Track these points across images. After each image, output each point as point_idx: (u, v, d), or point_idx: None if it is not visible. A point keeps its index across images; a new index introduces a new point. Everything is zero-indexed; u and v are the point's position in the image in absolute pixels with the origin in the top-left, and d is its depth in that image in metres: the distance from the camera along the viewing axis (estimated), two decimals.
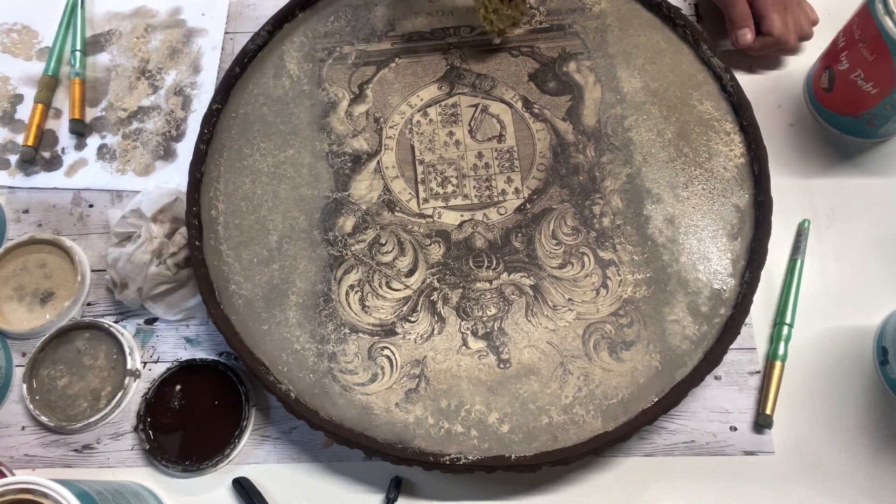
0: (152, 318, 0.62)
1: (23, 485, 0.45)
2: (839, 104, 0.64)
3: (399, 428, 0.54)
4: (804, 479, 0.55)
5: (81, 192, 0.67)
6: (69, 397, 0.59)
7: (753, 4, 0.67)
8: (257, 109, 0.65)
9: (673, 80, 0.64)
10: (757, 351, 0.59)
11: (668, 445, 0.56)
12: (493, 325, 0.57)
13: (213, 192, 0.62)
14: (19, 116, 0.71)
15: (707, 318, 0.56)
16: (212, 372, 0.58)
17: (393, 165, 0.63)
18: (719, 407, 0.57)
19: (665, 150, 0.62)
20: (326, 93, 0.66)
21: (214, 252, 0.60)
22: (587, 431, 0.53)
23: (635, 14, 0.67)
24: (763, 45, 0.68)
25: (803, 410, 0.57)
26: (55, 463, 0.58)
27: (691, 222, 0.59)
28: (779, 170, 0.62)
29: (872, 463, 0.55)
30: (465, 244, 0.60)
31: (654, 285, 0.57)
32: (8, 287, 0.63)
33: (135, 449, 0.58)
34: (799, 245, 0.62)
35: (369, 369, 0.56)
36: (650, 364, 0.55)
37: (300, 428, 0.58)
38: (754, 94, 0.64)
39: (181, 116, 0.69)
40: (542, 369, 0.55)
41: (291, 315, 0.58)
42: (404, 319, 0.57)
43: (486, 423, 0.54)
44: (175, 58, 0.72)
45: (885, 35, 0.55)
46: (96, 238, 0.65)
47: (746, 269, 0.57)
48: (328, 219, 0.61)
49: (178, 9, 0.74)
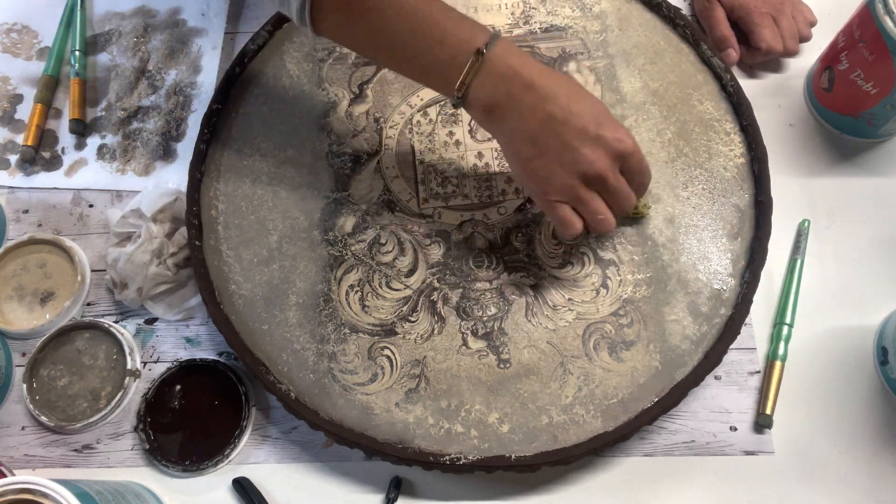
0: (152, 318, 0.62)
1: (23, 485, 0.45)
2: (839, 104, 0.64)
3: (399, 428, 0.54)
4: (804, 479, 0.55)
5: (81, 192, 0.67)
6: (69, 397, 0.59)
7: (743, 19, 0.68)
8: (257, 109, 0.65)
9: (673, 80, 0.64)
10: (757, 351, 0.59)
11: (668, 445, 0.56)
12: (493, 325, 0.57)
13: (213, 192, 0.62)
14: (19, 116, 0.71)
15: (707, 318, 0.56)
16: (212, 372, 0.58)
17: (393, 165, 0.63)
18: (719, 407, 0.57)
19: (665, 150, 0.62)
20: (326, 93, 0.66)
21: (214, 252, 0.60)
22: (587, 431, 0.53)
23: (635, 14, 0.67)
24: (755, 59, 0.68)
25: (803, 410, 0.57)
26: (55, 463, 0.58)
27: (691, 222, 0.59)
28: (779, 170, 0.62)
29: (872, 463, 0.55)
30: (465, 244, 0.60)
31: (654, 285, 0.57)
32: (8, 287, 0.63)
33: (135, 449, 0.58)
34: (799, 245, 0.62)
35: (369, 369, 0.56)
36: (650, 364, 0.55)
37: (300, 428, 0.58)
38: (754, 94, 0.64)
39: (181, 116, 0.69)
40: (542, 369, 0.55)
41: (291, 315, 0.58)
42: (404, 319, 0.57)
43: (486, 423, 0.54)
44: (175, 58, 0.72)
45: (885, 35, 0.55)
46: (96, 238, 0.65)
47: (746, 269, 0.57)
48: (328, 219, 0.61)
49: (178, 9, 0.74)
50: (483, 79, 0.49)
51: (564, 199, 0.51)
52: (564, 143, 0.49)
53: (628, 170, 0.51)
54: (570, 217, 0.51)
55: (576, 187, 0.50)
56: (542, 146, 0.49)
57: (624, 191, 0.51)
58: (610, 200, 0.51)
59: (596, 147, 0.49)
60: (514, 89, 0.49)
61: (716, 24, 0.68)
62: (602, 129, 0.49)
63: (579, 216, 0.51)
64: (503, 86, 0.49)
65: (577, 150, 0.49)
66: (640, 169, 0.52)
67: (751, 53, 0.68)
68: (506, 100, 0.49)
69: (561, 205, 0.51)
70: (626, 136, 0.50)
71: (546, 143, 0.49)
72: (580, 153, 0.49)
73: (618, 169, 0.50)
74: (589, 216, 0.51)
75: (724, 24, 0.68)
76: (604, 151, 0.49)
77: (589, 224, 0.52)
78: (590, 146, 0.49)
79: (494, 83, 0.49)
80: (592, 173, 0.49)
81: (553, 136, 0.49)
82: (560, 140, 0.49)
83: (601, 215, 0.51)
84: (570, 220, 0.51)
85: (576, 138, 0.49)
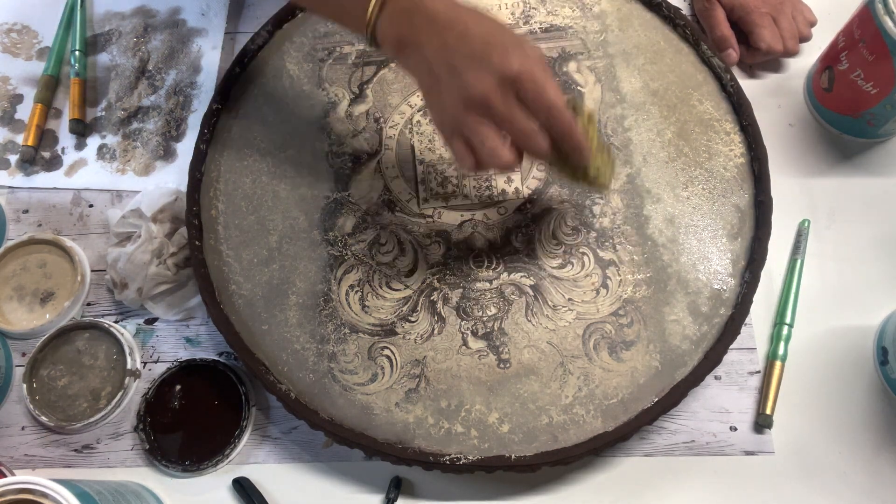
0: (152, 318, 0.62)
1: (23, 485, 0.45)
2: (839, 104, 0.64)
3: (399, 428, 0.54)
4: (804, 479, 0.55)
5: (81, 192, 0.67)
6: (69, 397, 0.59)
7: (742, 19, 0.68)
8: (257, 109, 0.65)
9: (673, 80, 0.64)
10: (757, 351, 0.59)
11: (668, 445, 0.56)
12: (493, 325, 0.57)
13: (213, 192, 0.62)
14: (19, 116, 0.71)
15: (707, 318, 0.56)
16: (212, 372, 0.58)
17: (393, 165, 0.63)
18: (719, 407, 0.57)
19: (665, 150, 0.62)
20: (326, 93, 0.66)
21: (214, 252, 0.60)
22: (587, 431, 0.53)
23: (635, 14, 0.67)
24: (755, 59, 0.68)
25: (803, 410, 0.57)
26: (55, 463, 0.58)
27: (691, 222, 0.59)
28: (779, 170, 0.62)
29: (872, 463, 0.55)
30: (465, 244, 0.60)
31: (654, 285, 0.57)
32: (8, 287, 0.63)
33: (135, 449, 0.58)
34: (799, 245, 0.62)
35: (369, 369, 0.56)
36: (650, 364, 0.55)
37: (300, 428, 0.58)
38: (754, 94, 0.64)
39: (181, 116, 0.69)
40: (542, 369, 0.55)
41: (291, 315, 0.58)
42: (404, 319, 0.57)
43: (486, 423, 0.54)
44: (175, 58, 0.72)
45: (885, 35, 0.55)
46: (96, 238, 0.65)
47: (746, 269, 0.57)
48: (328, 219, 0.61)
49: (178, 8, 0.74)
50: (388, 16, 0.48)
51: (456, 131, 0.47)
52: (451, 69, 0.45)
53: (526, 100, 0.46)
54: (462, 150, 0.47)
55: (460, 115, 0.46)
56: (436, 76, 0.47)
57: (520, 123, 0.46)
58: (509, 134, 0.47)
59: (479, 69, 0.45)
60: (418, 21, 0.47)
61: (716, 24, 0.68)
62: (489, 50, 0.45)
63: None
64: (406, 20, 0.47)
65: (461, 75, 0.45)
66: (538, 100, 0.45)
67: (751, 53, 0.68)
68: (410, 33, 0.47)
69: (455, 137, 0.47)
70: (517, 58, 0.44)
71: (438, 73, 0.46)
72: (462, 77, 0.45)
73: (510, 96, 0.45)
74: (477, 146, 0.46)
75: (724, 24, 0.68)
76: (487, 74, 0.45)
77: (478, 156, 0.47)
78: (474, 69, 0.45)
79: (400, 19, 0.47)
80: (475, 97, 0.45)
81: (444, 64, 0.46)
82: (448, 66, 0.46)
83: (488, 144, 0.46)
84: (461, 153, 0.47)
85: (461, 61, 0.45)
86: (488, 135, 0.46)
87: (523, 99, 0.45)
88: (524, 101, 0.46)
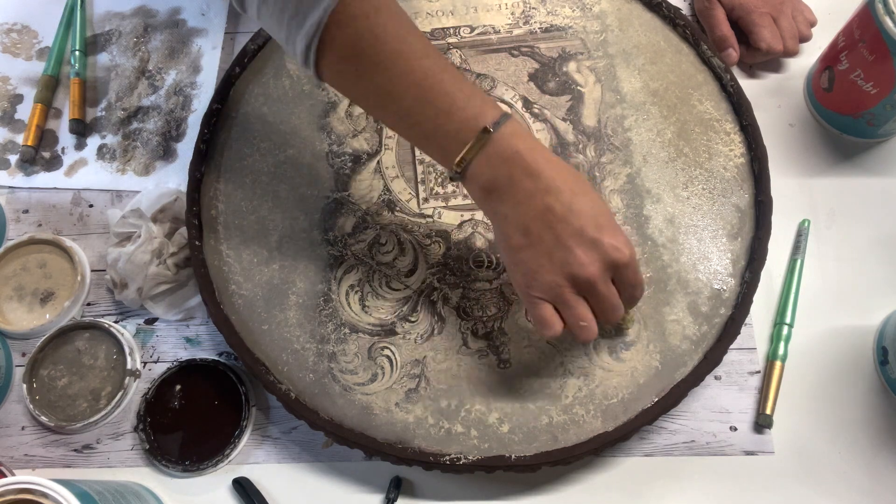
0: (152, 318, 0.62)
1: (23, 485, 0.45)
2: (839, 104, 0.64)
3: (399, 428, 0.54)
4: (804, 479, 0.55)
5: (81, 192, 0.67)
6: (69, 397, 0.59)
7: (743, 19, 0.68)
8: (257, 109, 0.65)
9: (673, 80, 0.64)
10: (757, 351, 0.59)
11: (668, 445, 0.56)
12: (493, 324, 0.57)
13: (213, 192, 0.62)
14: (19, 116, 0.71)
15: (707, 317, 0.56)
16: (212, 372, 0.58)
17: (393, 165, 0.63)
18: (719, 407, 0.57)
19: (665, 150, 0.62)
20: (326, 93, 0.66)
21: (214, 252, 0.60)
22: (587, 431, 0.53)
23: (635, 14, 0.67)
24: (755, 59, 0.68)
25: (803, 410, 0.57)
26: (55, 463, 0.58)
27: (691, 222, 0.59)
28: (779, 170, 0.62)
29: (872, 463, 0.55)
30: (465, 244, 0.60)
31: (654, 285, 0.57)
32: (8, 287, 0.63)
33: (135, 449, 0.58)
34: (799, 245, 0.62)
35: (369, 369, 0.56)
36: (650, 364, 0.55)
37: (300, 428, 0.58)
38: (754, 94, 0.64)
39: (181, 116, 0.69)
40: (541, 369, 0.55)
41: (291, 315, 0.58)
42: (404, 319, 0.57)
43: (486, 422, 0.54)
44: (175, 58, 0.72)
45: (885, 35, 0.55)
46: (96, 238, 0.65)
47: (746, 269, 0.57)
48: (328, 219, 0.61)
49: (178, 9, 0.74)
50: (485, 158, 0.47)
51: (547, 298, 0.48)
52: (558, 240, 0.46)
53: (620, 281, 0.48)
54: (551, 317, 0.48)
55: (562, 288, 0.47)
56: (535, 238, 0.47)
57: (612, 301, 0.48)
58: (595, 308, 0.48)
59: (591, 251, 0.46)
60: (516, 174, 0.46)
61: (716, 24, 0.68)
62: (601, 234, 0.46)
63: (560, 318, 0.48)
64: (505, 168, 0.46)
65: (571, 251, 0.46)
66: (633, 282, 0.48)
67: (751, 53, 0.68)
68: (506, 183, 0.47)
69: (543, 302, 0.48)
70: (625, 246, 0.47)
71: (539, 236, 0.47)
72: (573, 254, 0.46)
73: (609, 278, 0.47)
74: (571, 321, 0.48)
75: (724, 24, 0.68)
76: (598, 256, 0.46)
77: (570, 329, 0.48)
78: (584, 249, 0.46)
79: (496, 164, 0.47)
80: (582, 277, 0.46)
81: (548, 230, 0.46)
82: (554, 235, 0.46)
83: (584, 322, 0.47)
84: (549, 321, 0.48)
85: (571, 237, 0.46)
86: (585, 313, 0.48)
87: (621, 281, 0.48)
88: (621, 283, 0.48)
